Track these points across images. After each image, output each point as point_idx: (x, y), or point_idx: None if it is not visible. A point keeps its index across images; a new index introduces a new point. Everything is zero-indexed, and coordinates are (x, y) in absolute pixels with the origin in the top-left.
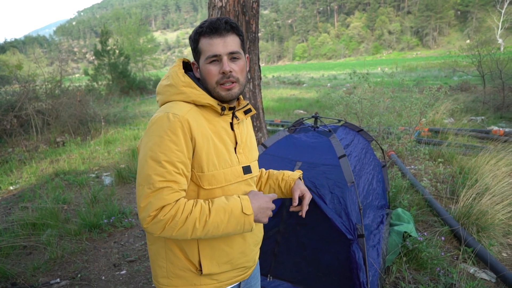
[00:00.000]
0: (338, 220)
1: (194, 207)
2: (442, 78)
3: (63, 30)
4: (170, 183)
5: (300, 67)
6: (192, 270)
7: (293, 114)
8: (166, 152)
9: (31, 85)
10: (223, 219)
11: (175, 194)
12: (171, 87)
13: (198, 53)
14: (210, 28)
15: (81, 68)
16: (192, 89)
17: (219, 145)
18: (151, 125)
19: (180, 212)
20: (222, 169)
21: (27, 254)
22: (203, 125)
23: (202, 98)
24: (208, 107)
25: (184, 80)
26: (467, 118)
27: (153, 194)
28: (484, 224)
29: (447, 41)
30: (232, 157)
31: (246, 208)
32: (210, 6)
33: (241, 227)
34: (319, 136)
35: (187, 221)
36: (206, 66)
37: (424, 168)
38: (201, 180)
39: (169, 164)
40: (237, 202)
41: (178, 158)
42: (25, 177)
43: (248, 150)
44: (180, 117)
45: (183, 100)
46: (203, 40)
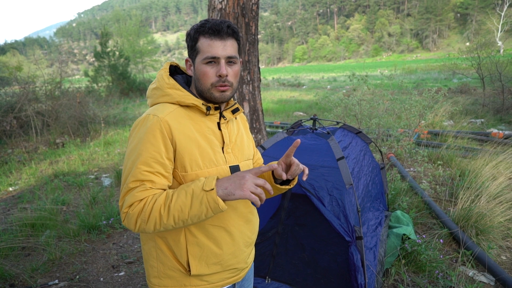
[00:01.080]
0: (337, 222)
1: (159, 196)
2: (442, 80)
3: (63, 31)
4: (143, 182)
5: (300, 69)
6: (181, 270)
7: (293, 116)
8: (143, 153)
9: (31, 87)
10: (185, 201)
11: (147, 191)
12: (157, 90)
13: (195, 51)
14: (212, 29)
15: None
16: (176, 90)
17: (203, 144)
18: (134, 127)
19: (147, 203)
20: (207, 168)
21: (25, 255)
22: (187, 125)
23: (186, 99)
24: (194, 107)
25: (168, 82)
26: (466, 120)
27: (128, 192)
28: (483, 226)
29: (447, 44)
30: (218, 156)
31: (207, 184)
32: (210, 8)
33: (206, 206)
34: (317, 138)
35: (153, 210)
36: (202, 66)
37: (424, 171)
38: (185, 180)
39: (144, 165)
40: (199, 181)
41: (155, 158)
42: (24, 178)
43: (238, 150)
44: (160, 118)
45: (168, 102)
46: (202, 40)
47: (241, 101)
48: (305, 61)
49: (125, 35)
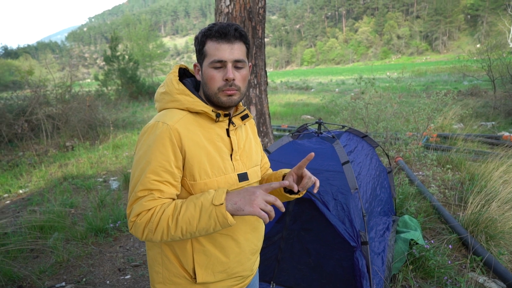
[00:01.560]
0: (342, 227)
1: (167, 207)
2: (452, 83)
3: (74, 36)
4: (152, 191)
5: (308, 72)
6: (187, 277)
7: (301, 119)
8: (152, 162)
9: (42, 90)
10: (194, 214)
11: (155, 201)
12: (166, 95)
13: (203, 55)
14: (219, 32)
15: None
16: (186, 96)
17: (212, 152)
18: (143, 134)
19: (155, 213)
20: (215, 177)
21: (34, 257)
22: (196, 132)
23: (196, 105)
24: (203, 114)
25: (178, 88)
26: (477, 123)
27: (136, 201)
28: (493, 232)
29: (457, 46)
30: (226, 164)
31: (216, 198)
32: (217, 12)
33: (215, 220)
34: (322, 142)
35: (161, 221)
36: (209, 70)
37: (432, 175)
38: (193, 189)
39: (153, 174)
40: (208, 194)
41: (164, 167)
42: (34, 180)
43: (246, 156)
44: (170, 126)
45: (178, 108)
46: (210, 43)
47: (248, 105)
48: (314, 64)
49: (134, 39)
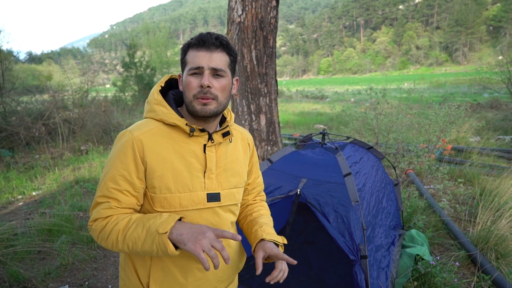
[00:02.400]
0: (341, 239)
1: (122, 220)
2: (472, 94)
3: (96, 42)
4: (108, 199)
5: (324, 82)
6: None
7: (313, 128)
8: (112, 170)
9: (60, 95)
10: (140, 235)
11: (111, 210)
12: (147, 104)
13: (184, 63)
14: (198, 40)
15: (111, 79)
16: (161, 107)
17: (179, 167)
18: (115, 142)
19: (109, 223)
20: (179, 193)
21: (40, 259)
22: (164, 145)
23: (169, 117)
24: (177, 127)
25: (156, 98)
26: (494, 136)
27: (95, 207)
28: (504, 250)
29: (478, 57)
30: (195, 181)
31: (163, 225)
32: (229, 21)
33: (157, 247)
34: (325, 153)
35: (112, 232)
36: (187, 77)
37: (443, 188)
38: (153, 201)
39: (111, 182)
40: (159, 218)
41: (123, 176)
42: (47, 183)
43: (225, 177)
44: (134, 136)
45: (153, 118)
46: (190, 52)
47: (258, 114)
48: (330, 73)
49: (153, 46)
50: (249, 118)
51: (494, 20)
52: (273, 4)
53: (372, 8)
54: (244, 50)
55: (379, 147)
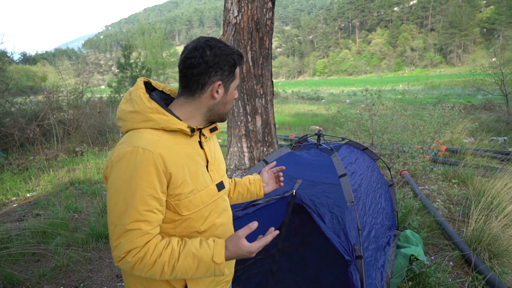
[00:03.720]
0: (337, 240)
1: (164, 250)
2: (466, 96)
3: (91, 43)
4: (140, 223)
5: (320, 83)
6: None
7: (309, 129)
8: (138, 191)
9: (55, 96)
10: (192, 265)
11: (145, 236)
12: (137, 114)
13: (232, 76)
14: (242, 61)
15: (106, 80)
16: (161, 115)
17: (193, 169)
18: (119, 161)
19: (149, 255)
20: (199, 192)
21: (35, 261)
22: (176, 152)
23: (172, 124)
24: (178, 131)
25: (150, 106)
26: (488, 138)
27: (124, 235)
28: (497, 250)
29: (472, 59)
30: (205, 177)
31: (217, 256)
32: (225, 22)
33: (212, 273)
34: (321, 154)
35: (156, 264)
36: (235, 92)
37: (438, 189)
38: (179, 208)
39: (141, 204)
40: (208, 250)
41: (151, 195)
42: (42, 185)
43: (218, 165)
44: (152, 152)
45: (152, 127)
46: (237, 69)
47: (254, 115)
48: (326, 74)
49: (149, 47)
50: (245, 119)
51: (488, 23)
52: (269, 6)
53: (367, 10)
54: (240, 51)
55: (374, 148)
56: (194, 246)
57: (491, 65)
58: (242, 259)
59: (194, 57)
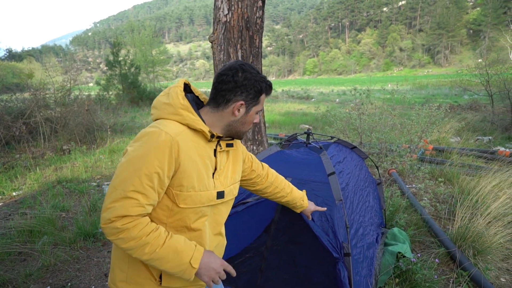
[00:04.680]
0: (325, 238)
1: (152, 232)
2: (453, 96)
3: (79, 40)
4: (139, 195)
5: (310, 82)
6: (151, 279)
7: (299, 128)
8: (148, 166)
9: (42, 93)
10: (170, 258)
11: (139, 208)
12: (169, 106)
13: (256, 101)
14: (270, 90)
15: (94, 78)
16: (189, 113)
17: (201, 169)
18: (142, 137)
19: (138, 229)
20: (200, 191)
21: (21, 261)
22: (192, 147)
23: (196, 123)
24: (199, 132)
25: (183, 103)
26: (474, 137)
27: (121, 200)
28: (481, 247)
29: (459, 60)
30: (209, 181)
31: (194, 259)
32: (215, 20)
33: (181, 273)
34: (310, 152)
35: (140, 241)
36: (255, 115)
37: (425, 188)
38: (177, 198)
39: (146, 177)
40: (190, 250)
41: (157, 173)
42: (28, 183)
43: (224, 177)
44: (172, 138)
45: (178, 121)
46: (263, 96)
47: None
48: (316, 74)
49: (138, 45)
50: None
51: (474, 24)
52: (259, 4)
53: (357, 10)
54: (230, 50)
55: (363, 147)
56: (179, 241)
57: (477, 66)
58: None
59: (227, 75)
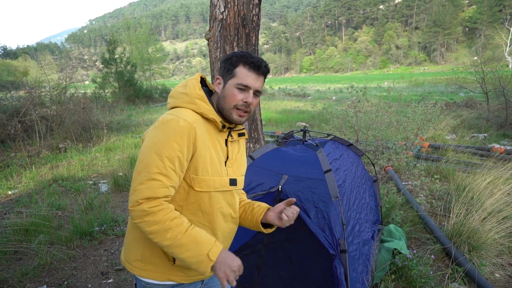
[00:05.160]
0: (322, 234)
1: (176, 219)
2: (448, 94)
3: (74, 38)
4: (163, 177)
5: (306, 80)
6: (166, 259)
7: (295, 126)
8: (169, 150)
9: (37, 92)
10: (190, 246)
11: (164, 189)
12: (186, 96)
13: (231, 75)
14: (254, 64)
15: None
16: (204, 103)
17: (214, 155)
18: (162, 124)
19: (164, 213)
20: (213, 176)
21: (17, 260)
22: (205, 135)
23: (210, 113)
24: (212, 122)
25: (199, 93)
26: (469, 134)
27: (147, 182)
28: (476, 243)
29: (455, 57)
30: (222, 168)
31: (212, 253)
32: (211, 18)
33: (198, 264)
34: (306, 150)
35: (164, 225)
36: (233, 89)
37: (421, 184)
38: (193, 182)
39: (168, 160)
40: (209, 243)
41: (177, 156)
42: (24, 182)
43: (237, 166)
44: (189, 124)
45: (193, 110)
46: (241, 68)
47: None
48: (312, 71)
49: (134, 43)
50: None
51: (470, 22)
52: (256, 2)
53: (353, 8)
54: (226, 47)
55: (359, 144)
56: (200, 232)
57: (473, 64)
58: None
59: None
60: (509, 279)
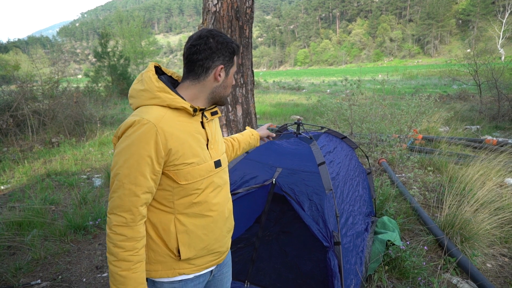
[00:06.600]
0: (315, 227)
1: (140, 251)
2: (442, 86)
3: (66, 31)
4: (131, 185)
5: (301, 73)
6: (171, 256)
7: (290, 119)
8: (135, 156)
9: (29, 86)
10: (120, 269)
11: (133, 198)
12: (146, 92)
13: (231, 62)
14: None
15: (83, 69)
16: (166, 93)
17: (194, 144)
18: (127, 127)
19: (119, 239)
20: (197, 165)
21: (10, 254)
22: (178, 128)
23: (176, 102)
24: (182, 109)
25: (158, 86)
26: (462, 126)
27: (117, 190)
28: (468, 233)
29: (448, 50)
30: (205, 153)
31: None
32: (204, 10)
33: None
34: (300, 142)
35: (115, 250)
36: (232, 77)
37: (414, 177)
38: (177, 177)
39: (134, 168)
40: (134, 281)
41: (145, 162)
42: (17, 177)
43: (217, 145)
44: (155, 124)
45: (158, 104)
46: (235, 57)
47: (234, 104)
48: (307, 64)
49: (127, 36)
50: (225, 108)
51: (463, 14)
52: None
53: (347, 0)
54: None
55: (353, 137)
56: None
57: (466, 56)
58: None
59: (199, 44)
60: (500, 269)
